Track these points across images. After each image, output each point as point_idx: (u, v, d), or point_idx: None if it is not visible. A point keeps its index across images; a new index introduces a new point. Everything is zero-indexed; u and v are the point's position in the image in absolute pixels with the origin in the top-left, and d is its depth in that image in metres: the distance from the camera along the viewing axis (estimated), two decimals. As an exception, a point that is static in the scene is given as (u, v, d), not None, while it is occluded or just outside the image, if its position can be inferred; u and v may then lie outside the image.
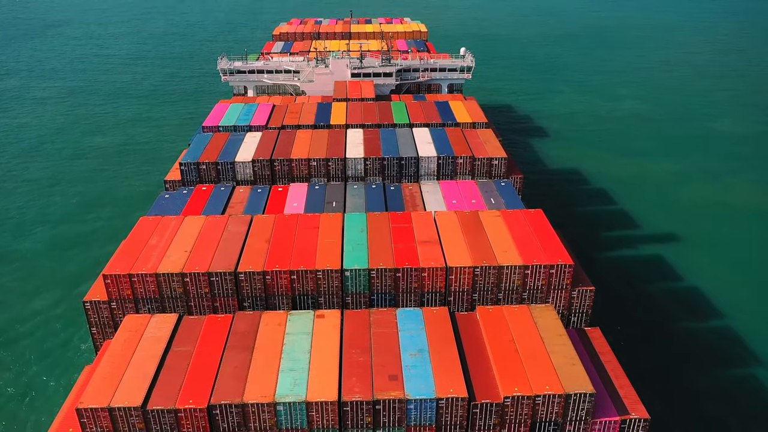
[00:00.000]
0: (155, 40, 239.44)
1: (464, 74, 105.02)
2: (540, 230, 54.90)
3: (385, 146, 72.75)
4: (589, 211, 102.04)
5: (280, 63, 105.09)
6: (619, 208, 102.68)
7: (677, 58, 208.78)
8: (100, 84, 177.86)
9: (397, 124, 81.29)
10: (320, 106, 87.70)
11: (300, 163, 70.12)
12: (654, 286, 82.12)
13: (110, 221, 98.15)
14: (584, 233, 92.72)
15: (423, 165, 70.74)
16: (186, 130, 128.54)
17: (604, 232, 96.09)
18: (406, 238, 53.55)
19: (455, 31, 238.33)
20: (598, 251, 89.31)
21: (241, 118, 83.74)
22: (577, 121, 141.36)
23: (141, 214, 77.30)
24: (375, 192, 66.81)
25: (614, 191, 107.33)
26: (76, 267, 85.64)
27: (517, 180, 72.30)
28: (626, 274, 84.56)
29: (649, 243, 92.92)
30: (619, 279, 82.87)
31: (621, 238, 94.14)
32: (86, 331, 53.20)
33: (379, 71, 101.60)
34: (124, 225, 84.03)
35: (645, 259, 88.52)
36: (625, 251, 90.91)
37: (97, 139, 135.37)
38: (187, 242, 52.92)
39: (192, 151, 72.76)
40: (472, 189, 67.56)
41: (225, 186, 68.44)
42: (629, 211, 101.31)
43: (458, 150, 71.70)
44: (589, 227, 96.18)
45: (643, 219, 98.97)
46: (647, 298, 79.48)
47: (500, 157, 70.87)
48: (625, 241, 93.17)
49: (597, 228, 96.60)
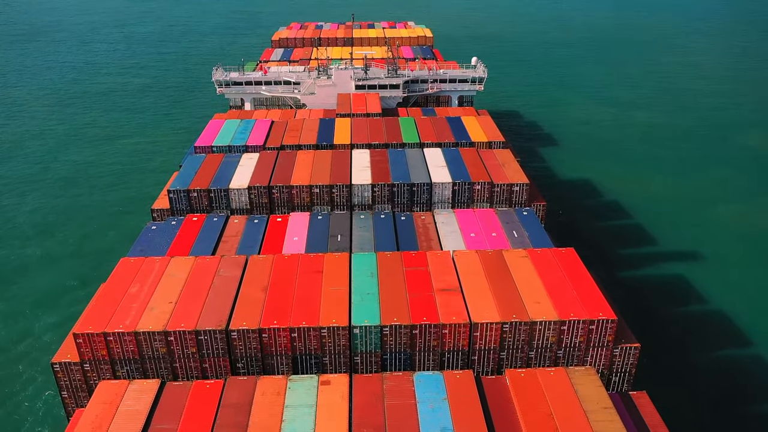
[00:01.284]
0: (148, 46, 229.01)
1: (476, 86, 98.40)
2: (574, 274, 48.32)
3: (394, 171, 66.19)
4: (602, 226, 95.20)
5: (279, 74, 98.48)
6: (634, 223, 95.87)
7: (694, 63, 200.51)
8: (86, 94, 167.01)
9: (407, 143, 74.72)
10: (322, 122, 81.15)
11: (301, 191, 63.59)
12: (683, 314, 75.20)
13: (88, 258, 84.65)
14: (598, 249, 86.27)
15: (436, 192, 64.20)
16: (179, 145, 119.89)
17: (619, 249, 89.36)
18: (422, 285, 46.97)
19: (459, 35, 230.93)
20: (615, 270, 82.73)
21: (236, 136, 77.14)
22: (589, 131, 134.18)
23: (125, 245, 71.00)
24: (384, 223, 60.25)
25: (629, 206, 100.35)
26: (45, 318, 72.85)
27: (540, 207, 65.71)
28: (647, 298, 77.67)
29: (669, 262, 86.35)
30: (641, 303, 75.70)
31: (638, 257, 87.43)
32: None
33: (385, 83, 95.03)
34: (103, 263, 77.19)
35: (666, 282, 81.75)
36: (645, 271, 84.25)
37: (79, 154, 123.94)
38: (172, 291, 46.34)
39: (182, 176, 66.19)
40: (491, 219, 60.98)
41: (218, 216, 61.90)
42: (645, 227, 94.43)
43: (475, 175, 65.16)
44: (603, 242, 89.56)
45: (662, 236, 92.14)
46: (681, 333, 72.53)
47: (522, 182, 64.33)
48: (643, 260, 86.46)
49: (612, 244, 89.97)
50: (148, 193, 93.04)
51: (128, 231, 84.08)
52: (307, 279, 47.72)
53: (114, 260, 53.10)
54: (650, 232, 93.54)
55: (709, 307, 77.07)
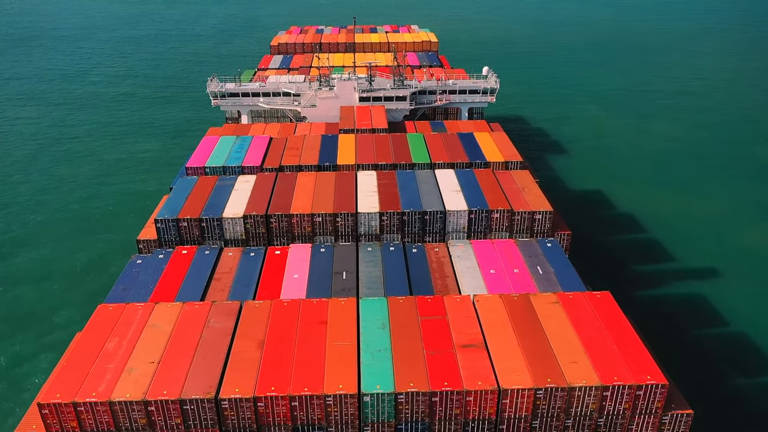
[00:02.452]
0: (142, 52, 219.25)
1: (487, 97, 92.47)
2: (613, 325, 42.44)
3: (404, 196, 60.31)
4: (615, 240, 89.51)
5: (278, 85, 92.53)
6: (648, 238, 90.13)
7: (714, 68, 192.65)
8: (74, 102, 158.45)
9: (417, 164, 68.83)
10: (324, 139, 75.27)
11: (302, 220, 57.72)
12: (709, 339, 69.38)
13: (69, 293, 76.02)
14: (611, 265, 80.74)
15: (451, 220, 58.38)
16: (170, 162, 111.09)
17: (636, 265, 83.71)
18: (441, 340, 41.07)
19: (463, 39, 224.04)
20: (630, 288, 77.18)
21: (231, 155, 71.24)
22: (600, 142, 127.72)
23: (106, 283, 64.96)
24: (394, 257, 54.31)
25: (643, 221, 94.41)
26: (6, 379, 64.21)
27: (564, 237, 59.84)
28: (668, 320, 72.01)
29: (687, 280, 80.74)
30: (663, 327, 69.89)
31: (653, 274, 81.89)
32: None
33: (391, 95, 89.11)
34: (79, 305, 69.74)
35: (686, 302, 76.18)
36: (662, 290, 78.80)
37: (60, 167, 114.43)
38: (154, 347, 40.44)
39: (171, 202, 60.27)
40: (511, 252, 55.08)
41: (210, 248, 55.93)
42: (660, 243, 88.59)
43: (493, 201, 59.30)
44: (615, 258, 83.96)
45: (678, 252, 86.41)
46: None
47: (544, 210, 58.46)
48: (659, 278, 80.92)
49: (624, 259, 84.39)
50: (136, 216, 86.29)
51: (113, 264, 77.75)
52: (309, 331, 41.82)
53: (95, 300, 47.41)
54: (667, 249, 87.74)
55: (734, 329, 71.60)
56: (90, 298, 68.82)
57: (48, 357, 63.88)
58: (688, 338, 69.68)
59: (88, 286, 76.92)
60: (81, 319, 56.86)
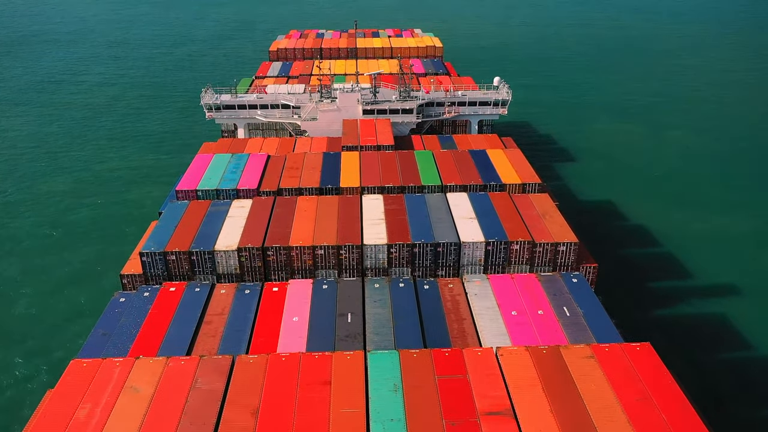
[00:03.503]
0: (136, 58, 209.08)
1: (498, 109, 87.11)
2: (656, 384, 37.15)
3: (414, 225, 55.01)
4: (629, 256, 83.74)
5: (276, 96, 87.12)
6: (663, 254, 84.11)
7: (732, 71, 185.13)
8: (61, 109, 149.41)
9: (426, 186, 63.50)
10: (326, 157, 69.94)
11: (302, 252, 52.43)
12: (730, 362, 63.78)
13: (40, 339, 65.46)
14: (625, 280, 75.30)
15: (466, 252, 53.11)
16: (162, 177, 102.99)
17: (653, 282, 78.29)
18: (462, 406, 35.76)
19: (466, 43, 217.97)
20: (648, 307, 71.72)
21: (226, 176, 65.88)
22: (615, 152, 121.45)
23: (88, 321, 59.34)
24: (404, 295, 49.06)
25: (659, 236, 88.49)
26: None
27: (590, 271, 54.56)
28: (687, 340, 66.38)
29: (706, 298, 75.13)
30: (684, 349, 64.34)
31: (670, 291, 76.28)
32: None
33: (397, 107, 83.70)
34: (57, 362, 59.19)
35: (706, 322, 70.63)
36: (679, 309, 72.93)
37: (46, 183, 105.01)
38: (133, 414, 35.15)
39: (159, 233, 54.98)
40: (533, 288, 49.82)
41: (201, 285, 50.67)
42: (677, 260, 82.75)
43: (512, 231, 54.02)
44: (630, 274, 78.40)
45: (696, 269, 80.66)
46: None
47: (569, 242, 53.16)
48: (676, 295, 75.28)
49: (640, 276, 78.79)
50: (122, 243, 78.46)
51: (93, 301, 68.95)
52: (310, 395, 36.50)
53: (72, 347, 42.08)
54: (684, 266, 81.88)
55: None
56: (67, 341, 63.29)
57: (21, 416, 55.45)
58: (736, 383, 63.92)
59: (67, 326, 67.61)
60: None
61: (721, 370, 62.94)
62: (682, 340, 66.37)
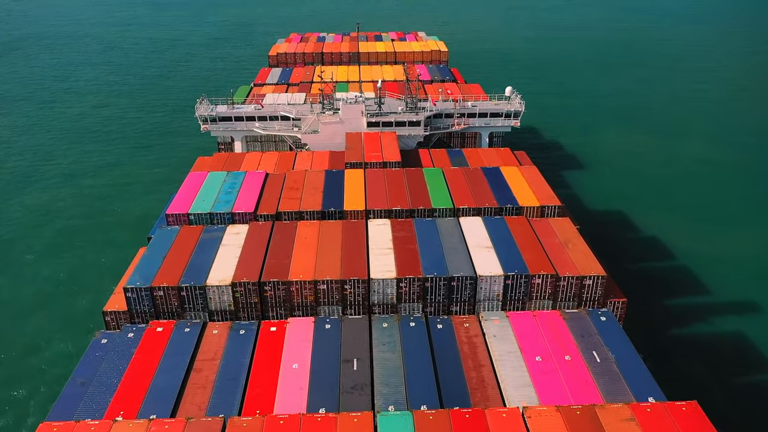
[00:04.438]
0: (130, 65, 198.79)
1: (510, 120, 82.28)
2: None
3: (425, 256, 50.22)
4: (654, 277, 79.04)
5: (275, 107, 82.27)
6: (698, 276, 79.32)
7: (753, 76, 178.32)
8: (49, 120, 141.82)
9: (437, 209, 58.70)
10: (329, 176, 65.13)
11: (303, 287, 47.68)
12: None
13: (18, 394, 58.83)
14: (645, 299, 70.63)
15: (483, 287, 48.35)
16: (153, 195, 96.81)
17: (667, 299, 73.67)
18: (487, 483, 31.03)
19: (471, 47, 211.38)
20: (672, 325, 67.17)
21: (221, 198, 61.06)
22: (628, 163, 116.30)
23: (66, 364, 54.15)
24: (415, 337, 44.37)
25: (679, 253, 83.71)
26: None
27: (618, 306, 49.79)
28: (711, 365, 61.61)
29: (727, 316, 70.62)
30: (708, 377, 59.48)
31: (690, 309, 71.82)
32: None
33: (404, 119, 78.89)
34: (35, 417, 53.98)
35: (728, 342, 66.00)
36: (700, 328, 68.69)
37: (30, 197, 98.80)
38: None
39: (145, 264, 50.24)
40: (558, 328, 45.12)
41: (191, 324, 45.96)
42: (698, 279, 78.06)
43: (533, 263, 49.25)
44: (664, 305, 73.73)
45: (716, 289, 76.02)
46: None
47: (597, 275, 48.39)
48: (697, 314, 70.84)
49: (659, 295, 74.21)
50: (107, 274, 73.08)
51: (75, 338, 63.98)
52: (312, 468, 31.79)
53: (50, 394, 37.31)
54: (719, 292, 76.96)
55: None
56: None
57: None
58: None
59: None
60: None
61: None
62: (728, 390, 59.91)
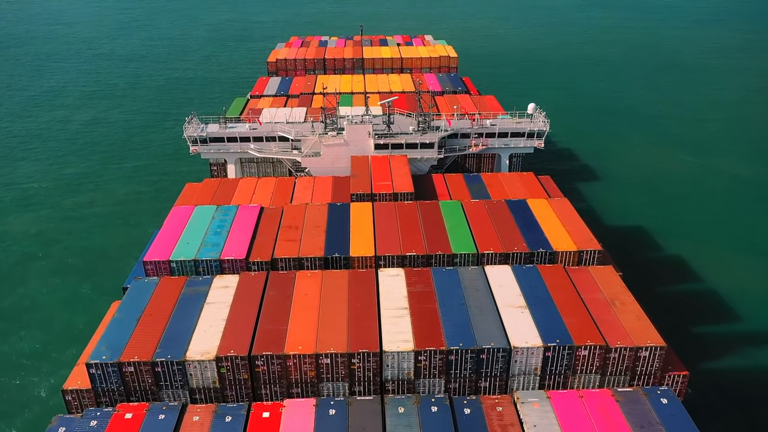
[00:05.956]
0: (123, 75, 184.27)
1: (534, 141, 74.08)
2: None
3: (448, 321, 42.18)
4: (680, 297, 71.16)
5: (272, 127, 74.10)
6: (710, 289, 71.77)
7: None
8: (23, 136, 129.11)
9: (458, 254, 50.56)
10: (332, 211, 57.02)
11: (302, 362, 39.68)
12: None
13: None
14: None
15: (518, 360, 40.32)
16: (135, 227, 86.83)
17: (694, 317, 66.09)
18: None
19: (479, 51, 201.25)
20: None
21: (208, 239, 52.88)
22: (651, 182, 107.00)
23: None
24: (438, 423, 36.46)
25: (706, 279, 75.67)
26: None
27: (678, 381, 41.77)
28: None
29: None
30: None
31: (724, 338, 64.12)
32: None
33: (416, 141, 70.75)
34: None
35: None
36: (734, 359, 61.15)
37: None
38: None
39: (114, 331, 42.22)
40: (611, 413, 37.18)
41: (168, 407, 37.95)
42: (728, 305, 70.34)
43: (579, 331, 41.18)
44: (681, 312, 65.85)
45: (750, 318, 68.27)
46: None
47: (654, 345, 40.33)
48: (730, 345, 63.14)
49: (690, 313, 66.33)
50: (73, 341, 63.03)
51: (28, 426, 54.26)
52: None
53: None
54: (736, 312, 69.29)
55: None
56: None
57: None
58: None
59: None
60: None
61: None
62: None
